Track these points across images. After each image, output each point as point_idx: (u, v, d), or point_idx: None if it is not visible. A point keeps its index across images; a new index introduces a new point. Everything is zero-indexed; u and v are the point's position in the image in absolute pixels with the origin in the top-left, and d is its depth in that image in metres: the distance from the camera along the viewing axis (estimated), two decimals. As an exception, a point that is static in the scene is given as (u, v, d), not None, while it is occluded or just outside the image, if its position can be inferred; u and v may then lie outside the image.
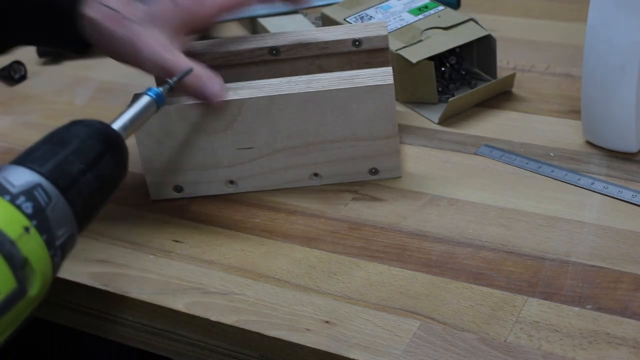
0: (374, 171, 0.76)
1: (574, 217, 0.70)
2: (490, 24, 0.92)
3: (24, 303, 0.47)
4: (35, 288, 0.47)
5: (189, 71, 0.68)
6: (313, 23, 1.01)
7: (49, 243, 0.49)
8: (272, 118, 0.73)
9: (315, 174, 0.76)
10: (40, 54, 1.06)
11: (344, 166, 0.76)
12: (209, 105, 0.72)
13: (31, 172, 0.50)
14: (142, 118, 0.64)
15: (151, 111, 0.65)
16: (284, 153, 0.75)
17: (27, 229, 0.47)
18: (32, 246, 0.47)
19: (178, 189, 0.77)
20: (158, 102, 0.65)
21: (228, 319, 0.64)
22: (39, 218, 0.48)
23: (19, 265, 0.46)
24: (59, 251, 0.50)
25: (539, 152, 0.78)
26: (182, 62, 0.69)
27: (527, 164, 0.77)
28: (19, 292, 0.46)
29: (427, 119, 0.85)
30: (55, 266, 0.50)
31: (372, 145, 0.75)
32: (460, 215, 0.72)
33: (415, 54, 0.84)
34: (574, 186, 0.73)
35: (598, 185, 0.73)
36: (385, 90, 0.73)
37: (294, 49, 0.80)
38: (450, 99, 0.83)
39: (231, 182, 0.77)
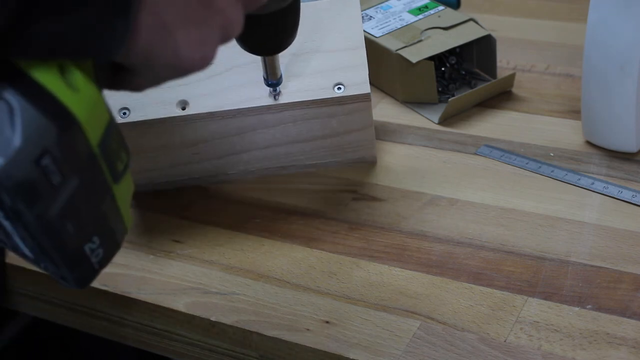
0: (339, 87, 0.72)
1: (574, 217, 0.70)
2: (490, 24, 0.92)
3: None
4: None
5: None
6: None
7: None
8: None
9: (275, 90, 0.72)
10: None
11: (307, 80, 0.72)
12: None
13: None
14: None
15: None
16: (242, 68, 0.71)
17: None
18: None
19: (124, 111, 0.72)
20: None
21: (228, 319, 0.64)
22: None
23: None
24: None
25: (539, 152, 0.78)
26: None
27: (527, 164, 0.77)
28: None
29: (427, 119, 0.85)
30: None
31: (338, 57, 0.72)
32: (460, 215, 0.71)
33: (415, 54, 0.84)
34: (574, 186, 0.73)
35: (598, 185, 0.73)
36: (350, 1, 0.71)
37: None
38: (450, 99, 0.83)
39: (183, 105, 0.72)
